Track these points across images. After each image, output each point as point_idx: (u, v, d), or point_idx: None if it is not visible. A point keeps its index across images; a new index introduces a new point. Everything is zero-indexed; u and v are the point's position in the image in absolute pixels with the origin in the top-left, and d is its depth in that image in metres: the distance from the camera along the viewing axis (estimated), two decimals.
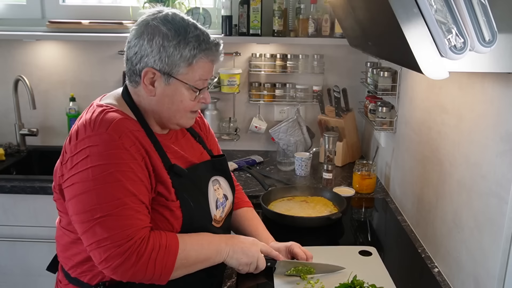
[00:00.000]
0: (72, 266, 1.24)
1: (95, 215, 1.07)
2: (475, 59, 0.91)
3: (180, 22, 1.17)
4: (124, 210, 1.09)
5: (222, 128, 2.63)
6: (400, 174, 1.94)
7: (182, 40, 1.15)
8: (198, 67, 1.19)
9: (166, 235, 1.15)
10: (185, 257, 1.16)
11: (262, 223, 1.50)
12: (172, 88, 1.19)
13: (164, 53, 1.15)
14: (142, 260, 1.09)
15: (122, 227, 1.08)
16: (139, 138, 1.16)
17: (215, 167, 1.37)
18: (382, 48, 1.27)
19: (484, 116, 1.20)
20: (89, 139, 1.10)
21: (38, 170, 2.58)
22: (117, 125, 1.13)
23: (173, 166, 1.22)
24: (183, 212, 1.21)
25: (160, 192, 1.18)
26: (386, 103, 2.10)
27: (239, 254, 1.26)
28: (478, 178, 1.22)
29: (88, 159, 1.09)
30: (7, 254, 2.20)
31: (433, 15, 0.82)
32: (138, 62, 1.17)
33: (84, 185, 1.09)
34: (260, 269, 1.30)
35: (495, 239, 1.13)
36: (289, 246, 1.40)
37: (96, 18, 2.55)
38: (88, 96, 2.61)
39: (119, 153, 1.10)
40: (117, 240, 1.07)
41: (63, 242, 1.26)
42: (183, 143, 1.33)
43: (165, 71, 1.16)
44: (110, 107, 1.18)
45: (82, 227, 1.10)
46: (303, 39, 2.43)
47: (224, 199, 1.36)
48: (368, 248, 1.54)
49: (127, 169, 1.10)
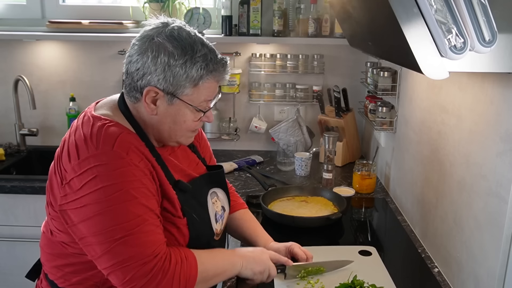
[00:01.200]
0: (61, 277, 1.19)
1: (115, 235, 1.02)
2: (475, 59, 0.91)
3: (187, 39, 1.11)
4: (145, 226, 1.05)
5: (222, 128, 2.63)
6: (400, 174, 1.94)
7: (189, 59, 1.09)
8: (204, 88, 1.14)
9: (183, 250, 1.13)
10: (204, 271, 1.13)
11: (259, 225, 1.50)
12: (175, 108, 1.13)
13: (169, 73, 1.09)
14: (168, 276, 1.05)
15: (146, 245, 1.04)
16: (144, 153, 1.12)
17: (212, 179, 1.34)
18: (382, 48, 1.27)
19: (484, 116, 1.20)
20: (95, 158, 1.04)
21: (38, 170, 2.58)
22: (122, 141, 1.07)
23: (178, 182, 1.18)
24: (190, 229, 1.18)
25: (166, 207, 1.15)
26: (386, 103, 2.10)
27: (253, 264, 1.25)
28: (478, 178, 1.22)
29: (98, 179, 1.03)
30: (7, 254, 2.20)
31: (433, 15, 0.82)
32: (140, 79, 1.11)
33: (97, 206, 1.03)
34: (272, 276, 1.29)
35: (495, 239, 1.13)
36: (288, 247, 1.39)
37: (96, 18, 2.55)
38: (88, 96, 2.62)
39: (130, 170, 1.05)
40: (143, 258, 1.03)
41: (52, 251, 1.20)
42: (179, 154, 1.29)
43: (169, 91, 1.10)
44: (109, 121, 1.11)
45: (100, 249, 1.04)
46: (303, 39, 2.43)
47: (222, 211, 1.34)
48: (368, 248, 1.54)
49: (140, 185, 1.06)
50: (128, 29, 2.47)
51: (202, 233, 1.23)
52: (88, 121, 1.11)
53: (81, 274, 1.16)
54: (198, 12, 2.42)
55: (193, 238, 1.19)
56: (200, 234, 1.22)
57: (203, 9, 2.43)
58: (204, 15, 2.42)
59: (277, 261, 1.32)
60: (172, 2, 2.46)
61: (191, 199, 1.22)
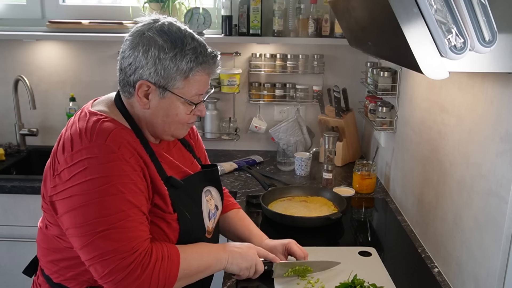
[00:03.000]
0: (56, 271, 1.20)
1: (97, 228, 1.04)
2: (475, 59, 0.91)
3: (177, 33, 1.13)
4: (127, 222, 1.06)
5: (222, 128, 2.63)
6: (400, 174, 1.94)
7: (178, 52, 1.12)
8: (195, 81, 1.16)
9: (167, 246, 1.14)
10: (187, 267, 1.15)
11: (253, 223, 1.51)
12: (167, 101, 1.16)
13: (160, 66, 1.11)
14: (147, 272, 1.07)
15: (126, 240, 1.05)
16: (137, 149, 1.13)
17: (207, 178, 1.35)
18: (382, 48, 1.27)
19: (484, 116, 1.20)
20: (87, 150, 1.07)
21: (38, 170, 2.58)
22: (115, 135, 1.10)
23: (170, 178, 1.20)
24: (180, 224, 1.19)
25: (156, 203, 1.16)
26: (386, 103, 2.10)
27: (239, 260, 1.26)
28: (478, 178, 1.22)
29: (87, 171, 1.05)
30: (7, 254, 2.20)
31: (433, 15, 0.82)
32: (133, 73, 1.14)
33: (84, 197, 1.05)
34: (259, 272, 1.30)
35: (495, 239, 1.13)
36: (286, 244, 1.40)
37: (96, 18, 2.55)
38: (88, 96, 2.59)
39: (119, 165, 1.07)
40: (122, 253, 1.04)
41: (48, 246, 1.21)
42: (174, 152, 1.31)
43: (160, 84, 1.13)
44: (105, 116, 1.14)
45: (81, 241, 1.06)
46: (303, 39, 2.44)
47: (215, 210, 1.35)
48: (368, 249, 1.54)
49: (129, 181, 1.08)
50: (128, 29, 2.47)
51: (193, 229, 1.24)
52: (84, 116, 1.14)
53: (75, 269, 1.17)
54: (198, 12, 2.42)
55: (184, 234, 1.20)
56: (191, 230, 1.23)
57: (203, 9, 2.43)
58: (204, 15, 2.42)
59: (265, 257, 1.33)
60: (172, 2, 2.46)
61: (184, 195, 1.23)
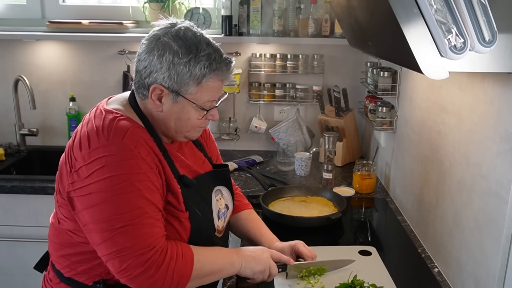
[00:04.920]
0: (67, 266, 1.22)
1: (115, 224, 1.06)
2: (475, 59, 0.91)
3: (192, 38, 1.14)
4: (144, 219, 1.08)
5: (222, 128, 2.63)
6: (400, 174, 1.94)
7: (192, 58, 1.12)
8: (208, 87, 1.16)
9: (181, 245, 1.15)
10: (200, 268, 1.15)
11: (264, 224, 1.50)
12: (179, 106, 1.17)
13: (173, 71, 1.12)
14: (161, 269, 1.08)
15: (143, 236, 1.07)
16: (152, 147, 1.15)
17: (218, 177, 1.37)
18: (382, 48, 1.27)
19: (484, 116, 1.20)
20: (104, 148, 1.08)
21: (38, 170, 2.58)
22: (132, 133, 1.11)
23: (183, 177, 1.21)
24: (192, 223, 1.20)
25: (170, 201, 1.18)
26: (386, 103, 2.10)
27: (252, 263, 1.26)
28: (478, 178, 1.22)
29: (105, 169, 1.07)
30: (7, 254, 2.20)
31: (433, 15, 0.82)
32: (147, 77, 1.15)
33: (102, 195, 1.07)
34: (273, 275, 1.30)
35: (495, 239, 1.13)
36: (293, 245, 1.40)
37: (96, 18, 2.55)
38: (88, 96, 2.61)
39: (137, 163, 1.09)
40: (139, 249, 1.06)
41: (60, 241, 1.24)
42: (186, 152, 1.32)
43: (173, 89, 1.14)
44: (120, 114, 1.16)
45: (100, 237, 1.08)
46: (303, 39, 2.43)
47: (225, 209, 1.36)
48: (368, 248, 1.54)
49: (145, 178, 1.10)
50: (128, 29, 2.47)
51: (204, 228, 1.25)
52: (100, 114, 1.16)
53: (87, 263, 1.19)
54: (198, 12, 2.42)
55: (195, 232, 1.21)
56: (202, 229, 1.24)
57: (203, 9, 2.43)
58: (204, 15, 2.42)
59: (279, 260, 1.33)
60: (172, 2, 2.46)
61: (195, 194, 1.25)
